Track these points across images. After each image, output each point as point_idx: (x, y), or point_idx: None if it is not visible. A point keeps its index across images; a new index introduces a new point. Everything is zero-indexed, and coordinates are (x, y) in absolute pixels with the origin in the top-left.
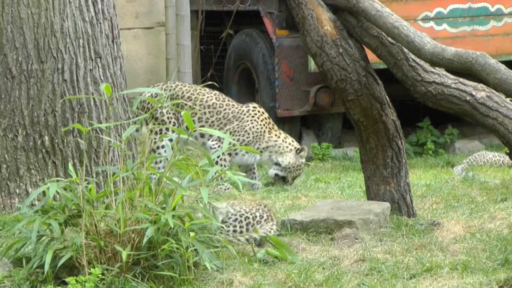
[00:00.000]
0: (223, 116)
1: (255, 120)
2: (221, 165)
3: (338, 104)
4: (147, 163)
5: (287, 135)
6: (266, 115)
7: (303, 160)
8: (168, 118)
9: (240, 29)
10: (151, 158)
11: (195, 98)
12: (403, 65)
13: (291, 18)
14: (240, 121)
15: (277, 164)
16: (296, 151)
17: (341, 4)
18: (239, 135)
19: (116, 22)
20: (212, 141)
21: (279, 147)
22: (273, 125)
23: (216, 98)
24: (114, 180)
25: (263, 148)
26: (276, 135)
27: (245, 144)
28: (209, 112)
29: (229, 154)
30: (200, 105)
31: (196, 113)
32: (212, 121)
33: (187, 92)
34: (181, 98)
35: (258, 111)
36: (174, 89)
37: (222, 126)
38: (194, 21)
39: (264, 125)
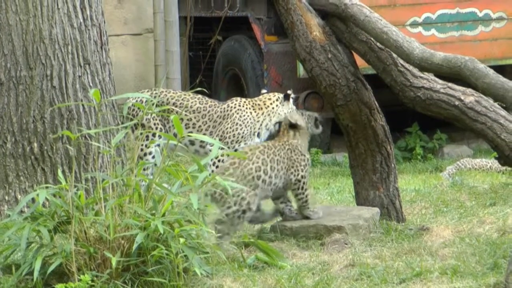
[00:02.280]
0: (209, 119)
1: (240, 110)
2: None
3: (327, 109)
4: (137, 169)
5: (268, 94)
6: (247, 100)
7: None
8: (154, 124)
9: (229, 35)
10: (141, 165)
11: (181, 104)
12: (392, 70)
13: (280, 24)
14: (227, 118)
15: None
16: (283, 98)
17: (330, 9)
18: (234, 131)
19: (105, 28)
20: (211, 145)
21: (269, 112)
22: (255, 101)
23: (199, 102)
24: (104, 186)
25: (262, 127)
26: (259, 107)
27: (242, 136)
28: (195, 117)
29: (227, 155)
30: (186, 111)
31: (182, 119)
32: (199, 126)
33: (172, 99)
34: (166, 104)
35: (239, 101)
36: (159, 95)
37: (210, 129)
38: (182, 27)
39: (248, 108)
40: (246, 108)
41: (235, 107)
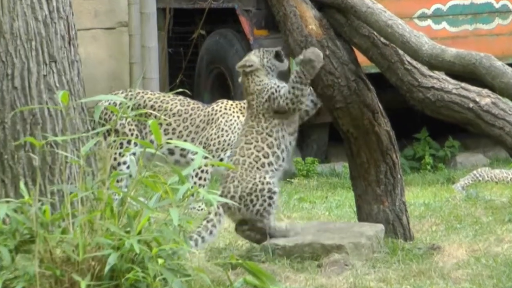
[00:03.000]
0: (191, 123)
1: (226, 114)
2: (204, 179)
3: (325, 113)
4: (109, 181)
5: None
6: (234, 103)
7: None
8: (130, 130)
9: (213, 29)
10: (114, 176)
11: (159, 106)
12: (398, 68)
13: (271, 17)
14: (212, 123)
15: None
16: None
17: (328, 0)
18: (219, 137)
19: (73, 21)
20: (192, 154)
21: None
22: (243, 104)
23: (180, 104)
24: (72, 200)
25: None
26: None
27: (228, 144)
28: (175, 121)
29: (212, 165)
30: (164, 114)
31: (161, 124)
32: (180, 131)
33: (149, 101)
34: (143, 107)
35: (226, 103)
36: (135, 97)
37: (192, 135)
38: (161, 20)
39: (236, 112)
40: (233, 112)
41: (220, 111)
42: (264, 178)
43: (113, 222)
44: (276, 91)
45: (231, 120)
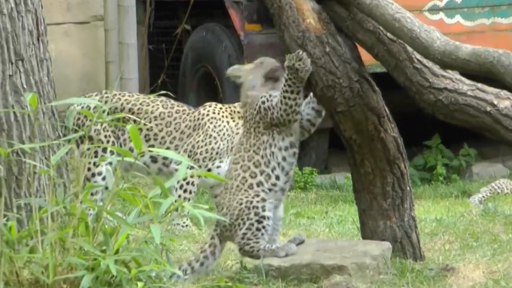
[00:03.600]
0: (175, 128)
1: (214, 118)
2: (190, 192)
3: (325, 117)
4: (83, 194)
5: None
6: (224, 107)
7: None
8: (105, 137)
9: (200, 24)
10: (88, 188)
11: (139, 110)
12: (406, 67)
13: (264, 9)
14: (199, 129)
15: None
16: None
17: None
18: (206, 145)
19: (42, 15)
20: (175, 163)
21: None
22: (233, 108)
23: (163, 106)
24: (41, 216)
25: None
26: (239, 115)
27: (217, 153)
28: (157, 125)
29: (199, 176)
30: (145, 118)
31: (141, 130)
32: (163, 137)
33: (127, 103)
34: (120, 111)
35: (214, 107)
36: (111, 99)
37: (176, 142)
38: (140, 13)
39: (225, 117)
40: (222, 117)
41: (208, 115)
42: (251, 202)
43: (87, 240)
44: (267, 100)
45: (220, 125)
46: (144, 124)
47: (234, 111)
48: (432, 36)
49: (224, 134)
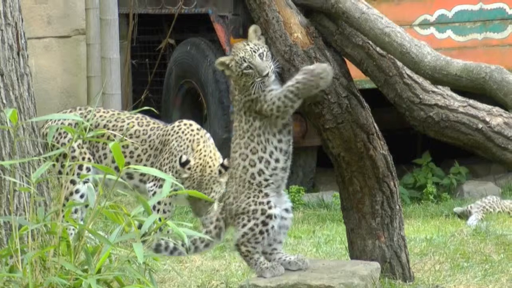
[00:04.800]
0: (150, 146)
1: (179, 137)
2: (163, 212)
3: (312, 134)
4: (64, 212)
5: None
6: (195, 127)
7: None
8: (81, 154)
9: (184, 38)
10: (69, 206)
11: (114, 126)
12: (396, 82)
13: (250, 23)
14: (166, 146)
15: None
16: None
17: (316, 4)
18: (170, 162)
19: (23, 29)
20: (149, 182)
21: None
22: (200, 137)
23: (138, 123)
24: (21, 234)
25: None
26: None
27: (176, 172)
28: (132, 144)
29: (170, 196)
30: (121, 135)
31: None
32: (139, 155)
33: (102, 119)
34: (95, 127)
35: (185, 125)
36: (86, 116)
37: (152, 159)
38: (123, 27)
39: (191, 135)
40: (191, 135)
41: (176, 132)
42: (257, 197)
43: (68, 259)
44: (265, 94)
45: (183, 145)
46: (125, 140)
47: (197, 137)
48: (423, 51)
49: (186, 153)
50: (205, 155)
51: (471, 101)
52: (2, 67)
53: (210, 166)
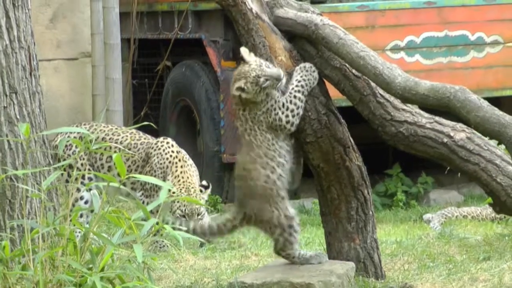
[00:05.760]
0: (139, 158)
1: (160, 154)
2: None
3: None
4: (71, 216)
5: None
6: (175, 149)
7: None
8: (82, 165)
9: (179, 61)
10: (76, 210)
11: (110, 139)
12: (370, 101)
13: (239, 48)
14: (150, 158)
15: None
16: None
17: (298, 30)
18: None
19: (35, 52)
20: (138, 191)
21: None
22: (179, 160)
23: (131, 137)
24: (32, 236)
25: None
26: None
27: (154, 189)
28: (125, 155)
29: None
30: (115, 148)
31: (111, 157)
32: (129, 166)
33: (101, 133)
34: (95, 140)
35: (167, 143)
36: (88, 130)
37: (139, 169)
38: (125, 51)
39: (167, 153)
40: (170, 156)
41: (158, 148)
42: (279, 203)
43: (75, 259)
44: (276, 101)
45: (162, 164)
46: (126, 153)
47: (174, 158)
48: (394, 73)
49: (163, 172)
50: (186, 178)
51: (437, 118)
52: (16, 86)
53: (193, 187)
